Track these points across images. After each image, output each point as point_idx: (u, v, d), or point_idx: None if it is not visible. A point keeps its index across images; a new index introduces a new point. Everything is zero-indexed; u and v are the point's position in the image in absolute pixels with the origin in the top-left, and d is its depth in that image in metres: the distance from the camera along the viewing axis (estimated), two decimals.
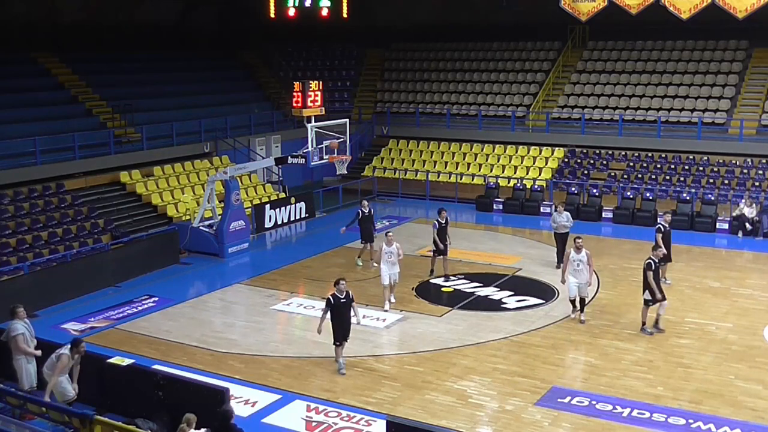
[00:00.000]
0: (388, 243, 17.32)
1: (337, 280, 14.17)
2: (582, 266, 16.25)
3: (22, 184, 22.61)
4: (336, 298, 13.88)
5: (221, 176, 22.74)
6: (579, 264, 16.27)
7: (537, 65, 34.72)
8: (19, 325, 12.28)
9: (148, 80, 30.66)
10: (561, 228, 20.27)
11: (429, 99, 35.11)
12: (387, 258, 17.24)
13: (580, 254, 16.22)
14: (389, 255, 17.23)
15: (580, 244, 16.36)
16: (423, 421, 11.97)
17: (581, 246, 16.30)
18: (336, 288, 13.95)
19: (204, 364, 14.57)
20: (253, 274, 20.88)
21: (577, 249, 16.30)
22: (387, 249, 17.25)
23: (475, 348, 15.15)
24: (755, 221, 23.79)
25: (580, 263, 16.25)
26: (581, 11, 28.47)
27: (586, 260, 16.23)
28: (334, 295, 13.92)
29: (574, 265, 16.29)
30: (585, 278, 16.36)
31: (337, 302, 13.86)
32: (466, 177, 30.26)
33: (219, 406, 11.36)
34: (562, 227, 20.25)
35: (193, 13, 35.62)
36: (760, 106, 29.09)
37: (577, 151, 30.21)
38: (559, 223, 20.26)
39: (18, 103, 25.39)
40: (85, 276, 18.98)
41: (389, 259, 17.24)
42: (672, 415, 12.36)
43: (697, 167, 27.93)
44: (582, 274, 16.27)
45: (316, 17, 30.98)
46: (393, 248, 17.25)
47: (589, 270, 16.39)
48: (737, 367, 14.18)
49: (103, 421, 9.66)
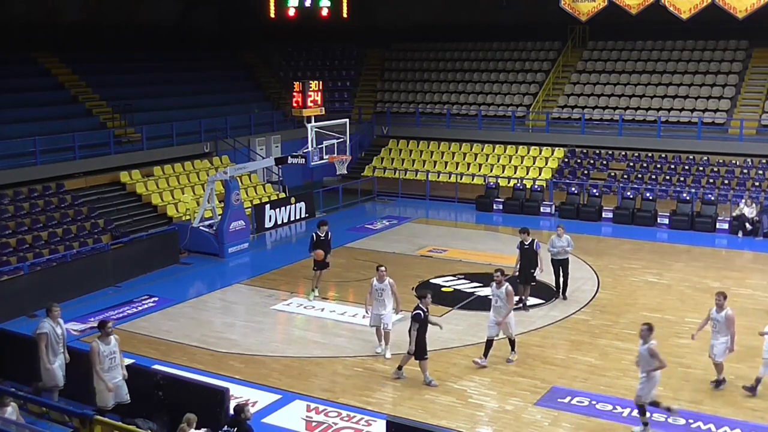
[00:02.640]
0: (379, 279, 14.56)
1: (423, 293, 13.72)
2: (501, 302, 14.18)
3: (22, 184, 22.60)
4: (425, 313, 13.36)
5: (221, 176, 22.74)
6: (497, 300, 14.23)
7: (537, 65, 34.72)
8: (47, 324, 12.13)
9: (148, 80, 30.66)
10: (561, 253, 17.92)
11: (429, 99, 35.11)
12: (377, 296, 14.56)
13: (500, 289, 14.16)
14: (379, 293, 14.51)
15: (500, 278, 14.24)
16: (423, 421, 11.97)
17: (501, 280, 14.22)
18: (422, 302, 13.45)
19: (204, 364, 14.57)
20: (253, 274, 20.89)
21: (498, 284, 14.22)
22: (378, 285, 14.53)
23: (475, 348, 15.13)
24: (755, 221, 23.79)
25: (499, 299, 14.18)
26: (581, 11, 28.49)
27: (504, 296, 14.09)
28: (423, 310, 13.34)
29: (493, 301, 14.34)
30: (503, 316, 14.22)
31: (426, 317, 13.41)
32: (466, 177, 30.26)
33: (220, 406, 11.40)
34: (563, 252, 17.94)
35: (193, 13, 35.61)
36: (760, 106, 29.10)
37: (577, 151, 30.21)
38: (560, 248, 17.89)
39: (18, 103, 25.39)
40: (85, 276, 18.98)
41: (379, 297, 14.53)
42: (672, 415, 12.35)
43: (697, 167, 27.94)
44: (501, 311, 14.21)
45: (316, 17, 30.99)
46: (385, 285, 14.53)
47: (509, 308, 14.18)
48: (737, 367, 14.16)
49: (103, 421, 9.66)
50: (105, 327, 11.72)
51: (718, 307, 13.02)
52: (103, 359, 11.49)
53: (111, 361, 11.58)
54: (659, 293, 18.42)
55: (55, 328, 12.22)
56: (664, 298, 18.14)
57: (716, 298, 13.21)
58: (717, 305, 13.07)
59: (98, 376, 11.45)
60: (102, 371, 11.45)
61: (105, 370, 11.47)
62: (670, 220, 24.99)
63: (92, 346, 11.58)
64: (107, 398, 11.49)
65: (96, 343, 11.57)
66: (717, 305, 13.07)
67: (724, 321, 12.92)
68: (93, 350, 11.52)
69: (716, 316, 13.02)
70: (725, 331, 12.95)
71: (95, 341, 11.61)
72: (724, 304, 12.99)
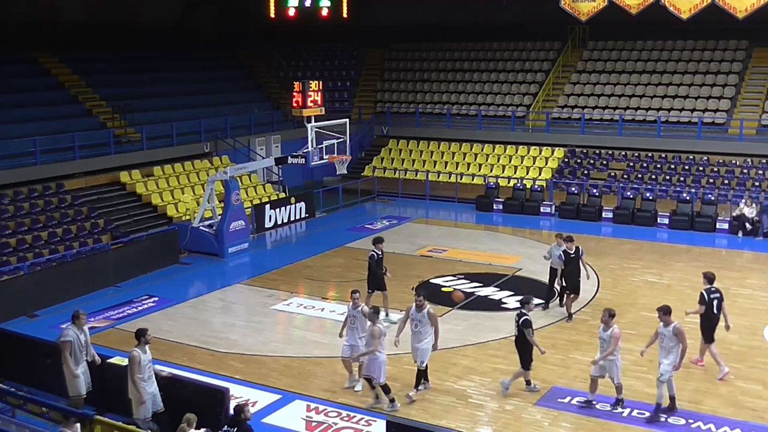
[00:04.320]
0: (353, 305, 13.34)
1: (527, 299, 13.29)
2: (421, 327, 12.93)
3: (22, 184, 22.59)
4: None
5: (221, 176, 22.74)
6: (417, 324, 12.99)
7: (537, 65, 34.73)
8: (72, 331, 11.93)
9: (148, 80, 30.67)
10: (558, 263, 17.09)
11: (429, 99, 35.11)
12: (350, 323, 13.32)
13: (421, 312, 12.94)
14: (352, 320, 13.28)
15: (421, 301, 12.98)
16: (423, 421, 11.97)
17: (422, 303, 12.98)
18: (526, 307, 13.07)
19: (204, 364, 14.57)
20: (253, 274, 20.89)
21: (418, 307, 12.95)
22: (351, 312, 13.34)
23: (475, 348, 15.14)
24: (755, 221, 23.79)
25: (419, 323, 12.96)
26: (581, 11, 28.49)
27: (427, 319, 12.90)
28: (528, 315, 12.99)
29: (412, 326, 13.06)
30: (426, 342, 12.97)
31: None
32: (466, 177, 30.26)
33: (220, 406, 11.40)
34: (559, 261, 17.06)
35: (193, 13, 35.63)
36: (760, 106, 29.10)
37: (577, 151, 30.21)
38: (556, 257, 17.09)
39: (18, 103, 25.39)
40: (85, 276, 18.98)
41: (352, 324, 13.23)
42: (672, 415, 12.36)
43: (697, 167, 27.94)
44: (421, 337, 12.97)
45: (316, 17, 31.01)
46: (358, 312, 13.24)
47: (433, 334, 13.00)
48: (737, 367, 14.17)
49: (103, 421, 9.66)
50: (145, 335, 11.50)
51: (605, 325, 12.35)
52: (143, 369, 11.31)
53: (149, 370, 11.43)
54: (659, 293, 18.40)
55: (80, 336, 12.04)
56: (664, 298, 18.06)
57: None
58: (603, 323, 12.37)
59: (136, 386, 11.22)
60: (141, 381, 11.25)
61: (144, 380, 11.29)
62: (670, 220, 24.99)
63: (133, 355, 11.30)
64: (146, 409, 11.29)
65: (137, 352, 11.33)
66: (603, 323, 12.37)
67: (610, 339, 12.26)
68: (134, 359, 11.26)
69: (663, 330, 12.37)
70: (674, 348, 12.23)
71: (135, 350, 11.35)
72: (610, 322, 12.30)
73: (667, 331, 12.30)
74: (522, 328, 12.87)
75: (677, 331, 12.20)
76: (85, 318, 12.38)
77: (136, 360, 11.24)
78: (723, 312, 13.93)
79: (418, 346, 13.02)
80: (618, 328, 12.43)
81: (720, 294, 14.09)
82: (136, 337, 11.56)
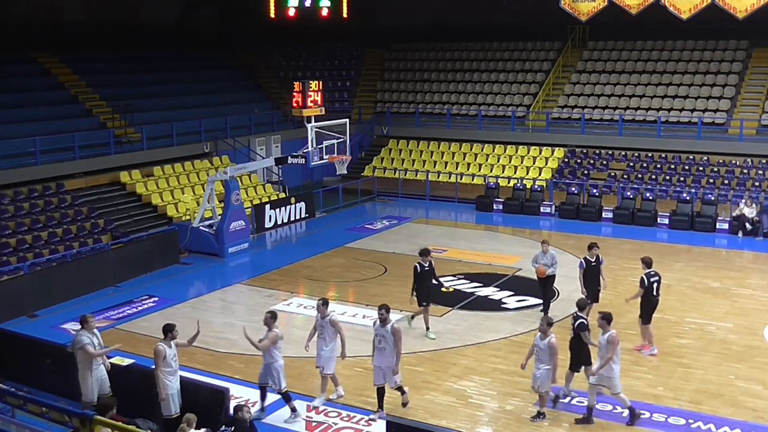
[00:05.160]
0: (321, 314, 12.84)
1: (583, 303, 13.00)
2: (385, 344, 12.18)
3: (22, 184, 22.60)
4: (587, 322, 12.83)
5: (221, 176, 22.74)
6: (381, 340, 12.23)
7: (537, 65, 34.73)
8: (85, 336, 11.90)
9: (148, 80, 30.67)
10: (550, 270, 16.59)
11: (429, 99, 35.11)
12: (319, 332, 12.88)
13: (385, 328, 12.17)
14: (321, 329, 12.85)
15: (384, 315, 12.21)
16: (423, 421, 11.98)
17: (386, 318, 12.21)
18: (583, 311, 12.84)
19: (204, 364, 14.57)
20: (253, 274, 20.88)
21: (381, 321, 12.23)
22: (320, 321, 12.86)
23: (475, 348, 15.15)
24: (755, 221, 23.79)
25: (383, 339, 12.19)
26: (581, 11, 28.48)
27: (390, 334, 12.13)
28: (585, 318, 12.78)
29: (376, 342, 12.33)
30: (390, 360, 12.24)
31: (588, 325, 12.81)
32: (466, 177, 30.26)
33: (220, 406, 11.40)
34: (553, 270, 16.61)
35: (193, 13, 35.62)
36: (760, 106, 29.11)
37: (577, 151, 30.21)
38: (541, 264, 16.61)
39: (18, 103, 25.39)
40: (85, 276, 18.98)
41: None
42: (672, 415, 12.37)
43: (697, 167, 27.94)
44: (384, 354, 12.24)
45: (316, 17, 31.01)
46: (326, 321, 12.74)
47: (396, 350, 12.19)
48: (737, 367, 14.19)
49: (103, 421, 9.65)
50: (172, 331, 11.49)
51: (543, 334, 12.03)
52: (169, 363, 11.29)
53: (176, 364, 11.41)
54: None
55: (93, 339, 12.02)
56: (664, 298, 17.97)
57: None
58: (541, 332, 12.09)
59: (158, 380, 11.18)
60: (167, 374, 11.23)
61: (170, 374, 11.29)
62: (670, 220, 24.99)
63: (158, 348, 11.25)
64: (171, 407, 11.27)
65: (162, 346, 11.30)
66: (541, 332, 12.09)
67: (547, 349, 11.98)
68: (159, 353, 11.21)
69: (539, 343, 12.06)
70: (548, 359, 12.00)
71: (161, 344, 11.33)
72: (548, 331, 12.03)
73: (543, 344, 11.98)
74: (577, 331, 12.65)
75: (612, 339, 11.95)
76: (94, 321, 12.37)
77: (161, 354, 11.22)
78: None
79: (380, 366, 12.22)
80: (555, 338, 11.98)
81: (659, 277, 14.84)
82: (163, 331, 11.57)
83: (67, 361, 12.42)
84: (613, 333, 12.09)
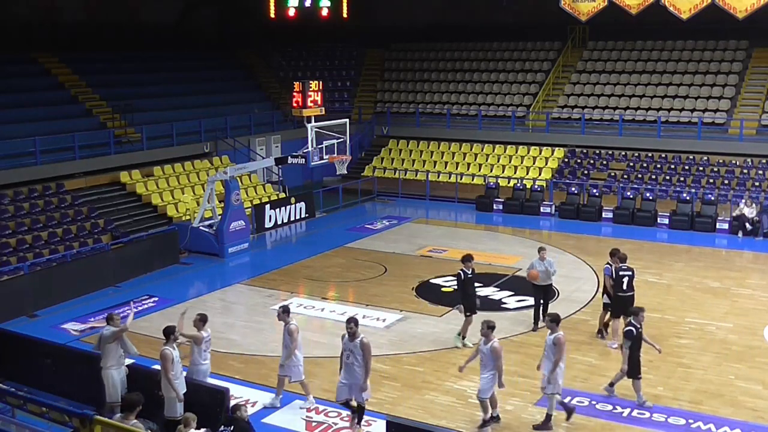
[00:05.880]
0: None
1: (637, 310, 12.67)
2: (353, 358, 11.54)
3: (22, 184, 22.60)
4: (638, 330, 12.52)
5: (221, 176, 22.74)
6: (350, 355, 11.58)
7: (537, 65, 34.73)
8: (107, 332, 11.98)
9: (148, 80, 30.67)
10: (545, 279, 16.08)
11: (429, 99, 35.11)
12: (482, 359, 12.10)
13: (354, 342, 11.52)
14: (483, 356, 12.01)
15: (353, 329, 11.53)
16: (423, 421, 11.97)
17: (354, 331, 11.54)
18: (635, 318, 12.55)
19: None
20: (253, 274, 20.88)
21: (350, 335, 11.54)
22: (482, 348, 12.07)
23: (474, 348, 15.11)
24: (755, 221, 23.79)
25: (351, 354, 11.56)
26: (581, 11, 28.49)
27: (359, 349, 11.47)
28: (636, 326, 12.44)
29: (344, 357, 11.68)
30: (357, 376, 11.54)
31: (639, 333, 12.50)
32: (466, 177, 30.27)
33: (220, 406, 11.40)
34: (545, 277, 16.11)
35: (193, 13, 35.63)
36: (760, 106, 29.11)
37: (577, 151, 30.21)
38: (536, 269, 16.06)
39: (18, 103, 25.40)
40: (85, 276, 18.99)
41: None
42: (672, 415, 12.37)
43: (697, 167, 27.94)
44: (352, 370, 11.57)
45: (316, 17, 31.01)
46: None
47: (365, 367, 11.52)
48: (737, 367, 14.19)
49: (103, 421, 9.65)
50: (174, 333, 11.48)
51: (485, 338, 11.65)
52: (176, 366, 11.29)
53: (179, 367, 11.41)
54: (659, 293, 18.41)
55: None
56: (664, 298, 18.14)
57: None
58: (483, 336, 11.75)
59: (171, 384, 11.17)
60: (174, 378, 11.23)
61: (177, 377, 11.28)
62: (670, 220, 24.99)
63: (166, 353, 11.22)
64: (178, 408, 11.22)
65: (169, 350, 11.29)
66: (483, 336, 11.75)
67: (490, 353, 11.65)
68: (168, 357, 11.18)
69: (482, 348, 11.74)
70: (491, 364, 11.69)
71: (167, 348, 11.31)
72: (490, 335, 11.69)
73: (486, 349, 11.72)
74: (624, 337, 12.50)
75: (557, 340, 11.90)
76: (118, 319, 12.36)
77: (169, 358, 11.19)
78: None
79: (349, 382, 11.61)
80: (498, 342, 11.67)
81: (632, 273, 15.01)
82: (165, 335, 11.52)
83: (67, 361, 12.43)
84: (560, 334, 11.95)
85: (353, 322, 11.65)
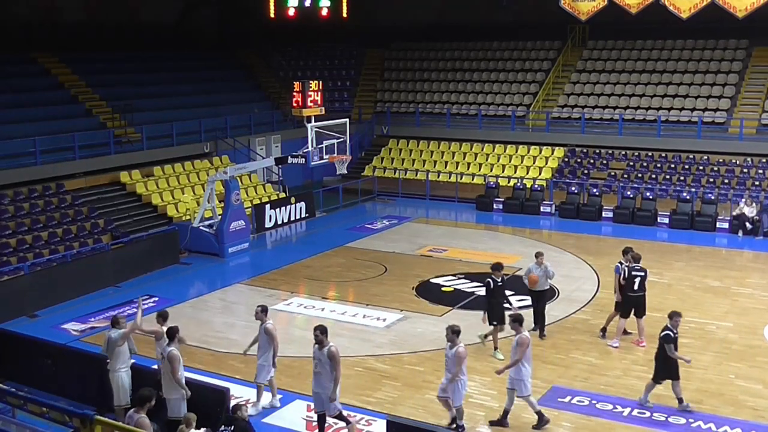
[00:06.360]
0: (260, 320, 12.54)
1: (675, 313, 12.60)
2: (321, 368, 11.25)
3: (22, 184, 22.60)
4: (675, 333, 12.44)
5: (221, 176, 22.74)
6: (318, 365, 11.30)
7: (537, 65, 34.73)
8: (116, 334, 11.98)
9: (148, 80, 30.68)
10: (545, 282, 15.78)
11: (429, 99, 35.11)
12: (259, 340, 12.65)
13: (322, 351, 11.22)
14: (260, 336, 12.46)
15: (320, 337, 11.20)
16: (423, 420, 11.96)
17: (321, 340, 11.21)
18: (671, 322, 12.44)
19: (204, 364, 14.57)
20: (253, 274, 20.88)
21: (318, 344, 11.24)
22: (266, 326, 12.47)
23: (475, 347, 15.12)
24: (755, 220, 23.79)
25: (319, 363, 11.27)
26: (581, 11, 28.48)
27: (326, 358, 11.16)
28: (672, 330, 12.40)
29: (313, 366, 11.42)
30: (326, 386, 11.26)
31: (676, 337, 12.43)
32: (466, 177, 30.26)
33: (220, 406, 11.40)
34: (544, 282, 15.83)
35: (193, 13, 35.64)
36: (760, 105, 29.11)
37: (577, 151, 30.21)
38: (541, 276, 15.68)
39: (18, 103, 25.40)
40: (85, 276, 18.98)
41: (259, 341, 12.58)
42: (672, 414, 12.36)
43: (697, 167, 27.93)
44: (320, 380, 11.31)
45: (316, 17, 31.02)
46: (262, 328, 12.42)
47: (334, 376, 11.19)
48: (737, 366, 14.19)
49: (103, 421, 9.65)
50: (178, 333, 11.49)
51: (450, 343, 11.56)
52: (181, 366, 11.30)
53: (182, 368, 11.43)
54: (659, 293, 18.39)
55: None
56: (664, 297, 18.12)
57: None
58: (448, 341, 11.60)
59: (180, 385, 11.17)
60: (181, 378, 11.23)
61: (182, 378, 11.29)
62: (670, 219, 24.99)
63: (174, 354, 11.15)
64: (183, 408, 11.19)
65: (176, 351, 11.25)
66: (448, 341, 11.60)
67: (453, 358, 11.50)
68: (176, 358, 11.14)
69: (447, 352, 11.64)
70: (453, 369, 11.53)
71: (173, 349, 11.26)
72: (455, 340, 11.54)
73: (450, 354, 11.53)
74: (662, 342, 12.37)
75: (521, 341, 11.74)
76: (124, 321, 12.36)
77: (176, 358, 11.16)
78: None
79: (318, 392, 11.36)
80: (463, 347, 11.58)
81: (645, 274, 15.03)
82: (169, 336, 11.45)
83: (67, 361, 12.43)
84: (524, 335, 11.91)
85: (319, 329, 11.25)
